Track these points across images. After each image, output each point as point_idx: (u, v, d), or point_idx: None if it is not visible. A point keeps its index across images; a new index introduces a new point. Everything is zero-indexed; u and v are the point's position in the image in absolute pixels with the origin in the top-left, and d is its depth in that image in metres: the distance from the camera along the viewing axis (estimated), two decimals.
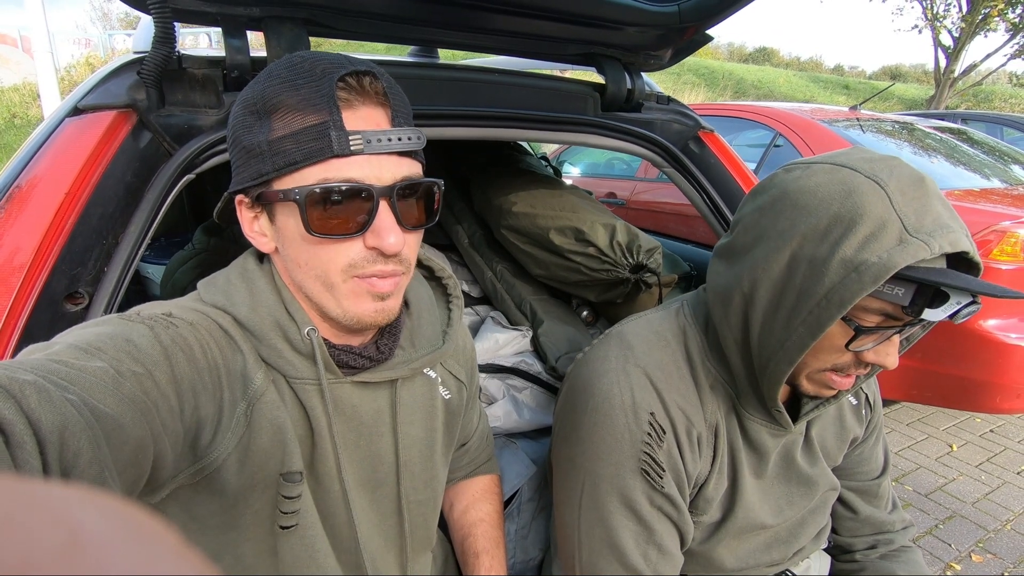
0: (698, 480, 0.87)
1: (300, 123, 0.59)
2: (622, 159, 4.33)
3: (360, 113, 0.60)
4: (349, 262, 0.62)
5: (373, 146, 0.60)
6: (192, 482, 0.61)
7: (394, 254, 0.62)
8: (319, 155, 0.59)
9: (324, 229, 0.60)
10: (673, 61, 1.37)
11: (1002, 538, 2.20)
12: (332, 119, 0.58)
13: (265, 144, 0.60)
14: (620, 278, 1.32)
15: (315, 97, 0.58)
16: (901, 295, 0.67)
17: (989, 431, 2.97)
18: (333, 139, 0.58)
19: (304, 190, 0.59)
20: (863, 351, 0.72)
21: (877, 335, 0.71)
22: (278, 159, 0.60)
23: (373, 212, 0.61)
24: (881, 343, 0.72)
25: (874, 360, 0.72)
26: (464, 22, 1.11)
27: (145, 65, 0.81)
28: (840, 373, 0.76)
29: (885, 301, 0.68)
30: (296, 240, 0.63)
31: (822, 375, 0.77)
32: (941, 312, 0.65)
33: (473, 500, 0.99)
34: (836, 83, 22.68)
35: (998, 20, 15.18)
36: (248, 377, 0.64)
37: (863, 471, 1.02)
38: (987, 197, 2.66)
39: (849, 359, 0.74)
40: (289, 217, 0.62)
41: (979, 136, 4.04)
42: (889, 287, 0.67)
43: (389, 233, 0.61)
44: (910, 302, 0.66)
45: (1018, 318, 2.37)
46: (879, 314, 0.70)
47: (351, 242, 0.62)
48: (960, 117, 6.29)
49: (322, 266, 0.63)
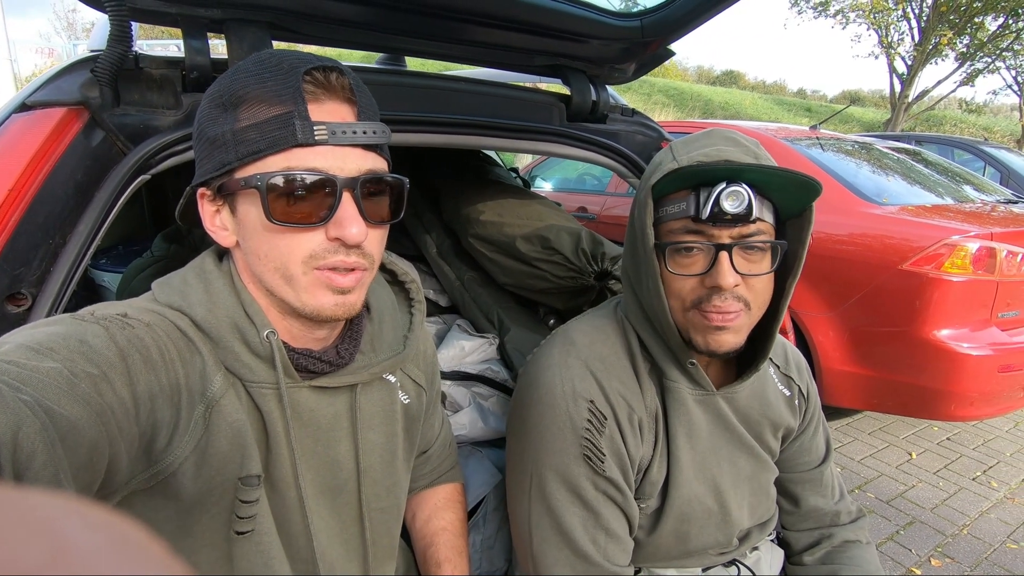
0: (642, 464, 0.89)
1: (265, 114, 0.59)
2: (593, 174, 4.39)
3: (326, 107, 0.61)
4: (310, 252, 0.62)
5: (338, 137, 0.60)
6: (146, 487, 0.59)
7: (355, 245, 0.62)
8: (282, 143, 0.58)
9: (285, 217, 0.60)
10: (637, 75, 1.40)
11: (959, 542, 2.25)
12: (297, 109, 0.58)
13: (229, 134, 0.60)
14: (585, 285, 1.33)
15: (281, 89, 0.59)
16: (685, 207, 0.79)
17: (946, 439, 3.07)
18: (297, 128, 0.58)
19: (266, 176, 0.59)
20: (700, 276, 0.80)
21: (683, 253, 0.81)
22: (241, 148, 0.60)
23: (336, 202, 0.60)
24: (713, 266, 0.79)
25: (711, 282, 0.79)
26: (430, 31, 1.12)
27: (99, 63, 0.80)
28: (703, 308, 0.81)
29: (681, 218, 0.80)
30: (257, 230, 0.62)
31: (694, 316, 0.82)
32: (708, 204, 0.77)
33: (436, 509, 0.97)
34: (799, 105, 23.53)
35: (948, 49, 16.01)
36: (207, 379, 0.62)
37: (804, 461, 1.04)
38: (940, 213, 2.78)
39: (699, 289, 0.81)
40: (251, 206, 0.61)
41: (932, 157, 4.23)
42: (675, 204, 0.80)
43: (351, 224, 0.61)
44: (695, 208, 0.78)
45: (969, 328, 2.46)
46: (686, 232, 0.81)
47: (312, 232, 0.61)
48: (915, 139, 6.57)
49: (282, 257, 0.62)
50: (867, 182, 3.01)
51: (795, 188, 0.78)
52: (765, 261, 0.81)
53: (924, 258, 2.44)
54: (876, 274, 2.56)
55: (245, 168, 0.60)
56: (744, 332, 0.83)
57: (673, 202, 0.82)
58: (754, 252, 0.80)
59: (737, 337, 0.82)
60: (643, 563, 0.95)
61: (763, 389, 0.96)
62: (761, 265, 0.81)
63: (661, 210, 0.83)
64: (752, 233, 0.79)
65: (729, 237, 0.79)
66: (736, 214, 0.76)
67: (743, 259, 0.80)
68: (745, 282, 0.80)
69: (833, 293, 2.67)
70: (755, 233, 0.79)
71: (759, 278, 0.81)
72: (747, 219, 0.77)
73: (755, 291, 0.81)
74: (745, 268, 0.80)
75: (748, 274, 0.80)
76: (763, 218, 0.79)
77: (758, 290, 0.81)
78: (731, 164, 0.76)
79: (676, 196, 0.81)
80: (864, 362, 2.61)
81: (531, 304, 1.55)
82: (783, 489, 1.05)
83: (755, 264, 0.80)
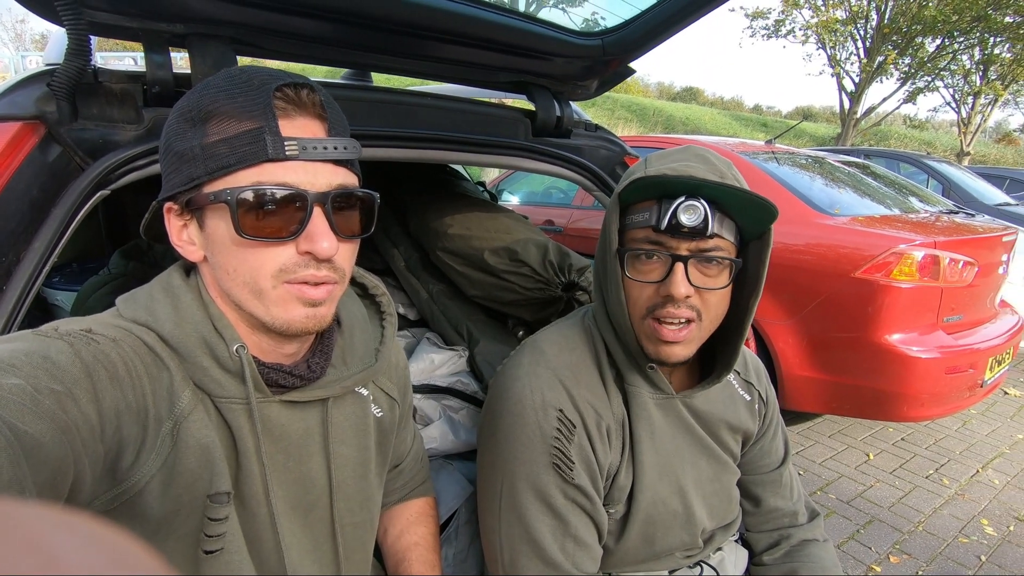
0: (610, 471, 0.91)
1: (235, 129, 0.59)
2: (559, 188, 4.46)
3: (297, 123, 0.61)
4: (280, 267, 0.62)
5: (308, 153, 0.60)
6: (109, 508, 0.57)
7: (326, 259, 0.62)
8: (253, 158, 0.59)
9: (255, 231, 0.60)
10: (599, 91, 1.44)
11: (915, 539, 2.34)
12: (268, 125, 0.59)
13: (198, 148, 0.60)
14: (553, 296, 1.35)
15: (251, 105, 0.59)
16: (648, 216, 0.82)
17: (901, 439, 3.19)
18: (268, 143, 0.58)
19: (236, 191, 0.59)
20: (656, 284, 0.83)
21: (643, 260, 0.84)
22: (211, 162, 0.59)
23: (307, 217, 0.61)
24: (668, 275, 0.82)
25: (665, 291, 0.82)
26: (395, 47, 1.14)
27: (56, 77, 0.78)
28: (657, 316, 0.83)
29: (644, 227, 0.83)
30: (226, 245, 0.62)
31: (648, 324, 0.84)
32: (666, 216, 0.80)
33: (408, 524, 0.97)
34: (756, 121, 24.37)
35: (892, 68, 16.90)
36: (175, 395, 0.61)
37: (765, 463, 1.08)
38: (888, 223, 2.92)
39: (654, 297, 0.83)
40: (220, 220, 0.61)
41: (880, 170, 4.45)
42: (640, 213, 0.84)
43: (322, 238, 0.61)
44: (656, 219, 0.81)
45: (918, 332, 2.59)
46: (647, 241, 0.83)
47: (282, 247, 0.61)
48: (864, 153, 6.88)
49: (251, 272, 0.62)
50: (820, 194, 3.15)
51: (754, 209, 0.81)
52: (722, 276, 0.84)
53: (874, 266, 2.56)
54: (831, 282, 2.67)
55: (214, 183, 0.60)
56: (694, 344, 0.86)
57: (639, 211, 0.85)
58: (711, 266, 0.82)
59: (686, 349, 0.85)
60: (612, 569, 0.96)
61: (723, 394, 1.00)
62: (717, 280, 0.83)
63: (628, 218, 0.86)
64: (710, 248, 0.82)
65: (687, 249, 0.81)
66: (692, 227, 0.79)
67: (699, 272, 0.82)
68: (700, 295, 0.83)
69: (792, 301, 2.77)
70: (713, 248, 0.82)
71: (714, 292, 0.83)
72: (703, 233, 0.80)
73: (708, 304, 0.83)
74: (700, 281, 0.82)
75: (703, 287, 0.82)
76: (722, 235, 0.82)
77: (711, 304, 0.84)
78: (693, 179, 0.79)
79: (642, 205, 0.84)
80: (822, 367, 2.70)
81: (500, 316, 1.56)
82: (744, 491, 1.08)
83: (711, 278, 0.83)
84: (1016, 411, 3.65)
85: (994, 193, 6.21)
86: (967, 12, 14.13)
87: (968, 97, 17.45)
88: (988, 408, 3.65)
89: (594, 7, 1.46)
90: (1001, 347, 2.82)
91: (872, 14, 16.65)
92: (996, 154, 24.46)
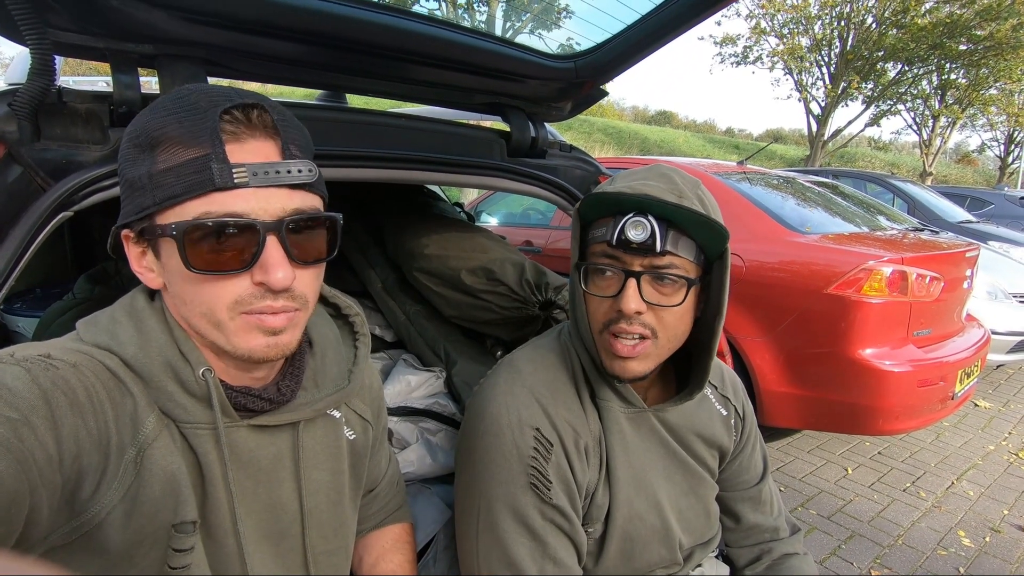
0: (589, 489, 0.90)
1: (182, 156, 0.57)
2: (538, 208, 4.49)
3: (248, 147, 0.59)
4: (235, 299, 0.59)
5: (260, 179, 0.58)
6: (67, 542, 0.54)
7: (282, 289, 0.60)
8: (200, 188, 0.56)
9: (204, 265, 0.57)
10: (573, 113, 1.47)
11: (896, 552, 2.36)
12: (215, 151, 0.56)
13: (147, 177, 0.58)
14: (531, 315, 1.35)
15: (198, 130, 0.57)
16: (605, 232, 0.84)
17: (878, 453, 3.23)
18: (215, 172, 0.56)
19: (181, 225, 0.56)
20: (611, 298, 0.84)
21: (599, 275, 0.85)
22: (159, 192, 0.57)
23: (260, 246, 0.58)
24: (621, 290, 0.83)
25: (617, 306, 0.83)
26: (370, 69, 1.14)
27: (18, 96, 0.76)
28: (613, 330, 0.84)
29: (600, 242, 0.85)
30: (179, 276, 0.60)
31: (605, 339, 0.85)
32: (613, 230, 0.82)
33: (383, 551, 0.94)
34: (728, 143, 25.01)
35: (856, 92, 17.58)
36: (138, 421, 0.59)
37: (744, 479, 1.08)
38: (858, 240, 3.00)
39: (610, 312, 0.84)
40: (172, 252, 0.59)
41: (849, 190, 4.59)
42: (599, 228, 0.85)
43: (277, 268, 0.59)
44: (610, 234, 0.82)
45: (889, 346, 2.64)
46: (603, 256, 0.85)
47: (236, 278, 0.59)
48: (832, 173, 7.10)
49: (207, 304, 0.60)
50: (792, 213, 3.22)
51: (707, 230, 0.82)
52: (677, 295, 0.83)
53: (845, 282, 2.61)
54: (804, 298, 2.71)
55: (163, 214, 0.58)
56: (651, 361, 0.85)
57: (598, 227, 0.86)
58: (665, 284, 0.82)
59: (643, 365, 0.85)
60: None
61: (699, 408, 1.00)
62: (672, 298, 0.83)
63: (589, 233, 0.88)
64: (664, 265, 0.82)
65: (640, 265, 0.82)
66: (640, 243, 0.80)
67: (653, 289, 0.82)
68: (654, 312, 0.82)
69: (767, 317, 2.81)
70: (667, 266, 0.82)
71: (670, 310, 0.83)
72: (653, 250, 0.80)
73: (664, 322, 0.83)
74: (654, 298, 0.82)
75: (657, 304, 0.82)
76: (676, 252, 0.81)
77: (668, 322, 0.84)
78: (646, 197, 0.80)
79: (601, 221, 0.86)
80: (799, 383, 2.74)
81: (478, 336, 1.55)
82: (724, 507, 1.08)
83: (665, 296, 0.83)
84: (987, 423, 3.73)
85: (956, 211, 6.46)
86: (924, 40, 14.83)
87: (928, 120, 18.21)
88: (960, 420, 3.72)
89: (567, 31, 1.49)
90: (970, 359, 2.89)
91: (836, 41, 17.36)
92: (957, 174, 25.47)
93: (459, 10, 2.91)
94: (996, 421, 3.76)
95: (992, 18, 13.63)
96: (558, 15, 1.91)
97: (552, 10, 2.11)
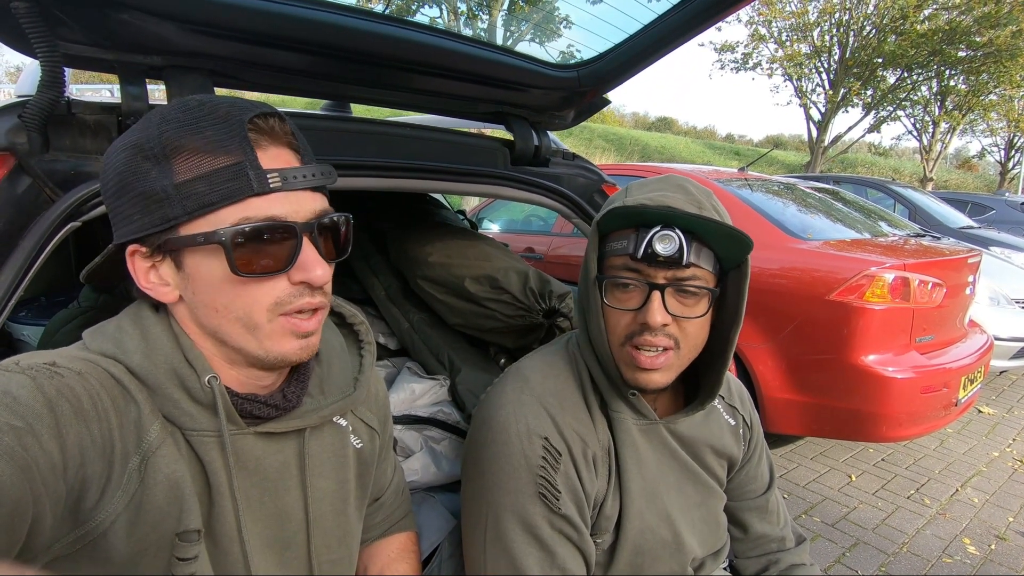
0: (597, 499, 0.89)
1: (211, 165, 0.58)
2: (539, 216, 4.50)
3: (271, 153, 0.61)
4: (275, 300, 0.61)
5: (290, 183, 0.60)
6: (71, 551, 0.54)
7: (322, 285, 0.63)
8: (237, 195, 0.58)
9: (250, 268, 0.59)
10: (576, 121, 1.48)
11: (900, 560, 2.34)
12: (248, 159, 0.58)
13: (171, 188, 0.58)
14: (535, 323, 1.35)
15: (225, 139, 0.58)
16: (626, 244, 0.83)
17: (881, 459, 3.22)
18: (252, 178, 0.58)
19: (229, 231, 0.58)
20: (633, 312, 0.83)
21: (621, 288, 0.84)
22: (189, 202, 0.58)
23: (297, 247, 0.61)
24: (646, 303, 0.82)
25: (642, 319, 0.82)
26: (375, 79, 1.15)
27: (28, 108, 0.77)
28: (635, 343, 0.83)
29: (622, 255, 0.84)
30: (214, 284, 0.60)
31: (627, 351, 0.85)
32: (642, 245, 0.81)
33: (388, 561, 0.93)
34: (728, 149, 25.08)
35: (855, 98, 17.62)
36: (143, 429, 0.59)
37: (751, 489, 1.08)
38: (860, 247, 3.00)
39: (632, 324, 0.84)
40: (205, 260, 0.60)
41: (850, 196, 4.60)
42: (619, 241, 0.84)
43: (315, 266, 0.62)
44: (633, 247, 0.82)
45: (892, 353, 2.63)
46: (625, 269, 0.84)
47: (275, 280, 0.61)
48: (833, 179, 7.12)
49: (246, 307, 0.61)
50: (793, 219, 3.23)
51: (729, 240, 0.82)
52: (700, 305, 0.84)
53: (847, 288, 2.62)
54: (806, 305, 2.71)
55: (193, 223, 0.59)
56: (673, 372, 0.86)
57: (618, 239, 0.85)
58: (688, 296, 0.83)
59: (665, 376, 0.85)
60: None
61: (708, 418, 0.99)
62: (695, 309, 0.84)
63: (607, 245, 0.87)
64: (687, 277, 0.82)
65: (664, 278, 0.82)
66: (667, 257, 0.80)
67: (676, 301, 0.83)
68: (677, 323, 0.83)
69: (770, 324, 2.81)
70: (690, 278, 0.82)
71: (692, 321, 0.84)
72: (680, 263, 0.80)
73: (686, 333, 0.84)
74: (678, 310, 0.83)
75: (680, 316, 0.83)
76: (699, 264, 0.82)
77: (690, 332, 0.84)
78: (670, 210, 0.80)
79: (621, 233, 0.85)
80: (802, 389, 2.73)
81: (481, 344, 1.55)
82: (732, 517, 1.08)
83: (688, 307, 0.84)
84: (990, 429, 3.72)
85: (957, 217, 6.46)
86: (923, 47, 14.88)
87: (929, 126, 18.24)
88: (964, 427, 3.71)
89: (570, 40, 1.50)
90: (973, 366, 2.88)
91: (835, 48, 17.42)
92: (957, 179, 25.49)
93: (461, 18, 2.93)
94: (1000, 427, 3.75)
95: (991, 25, 13.67)
96: (560, 24, 1.93)
97: (554, 19, 2.13)
